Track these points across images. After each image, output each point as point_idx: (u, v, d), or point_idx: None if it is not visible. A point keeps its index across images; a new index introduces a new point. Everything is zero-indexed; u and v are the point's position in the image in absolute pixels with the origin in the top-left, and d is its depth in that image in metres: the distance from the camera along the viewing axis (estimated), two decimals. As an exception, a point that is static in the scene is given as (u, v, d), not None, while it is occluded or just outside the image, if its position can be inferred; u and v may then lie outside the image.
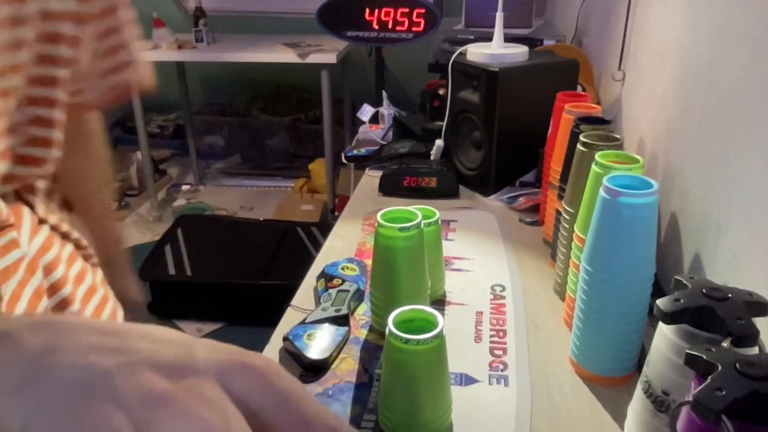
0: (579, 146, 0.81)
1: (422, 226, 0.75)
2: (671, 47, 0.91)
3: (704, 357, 0.42)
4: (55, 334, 0.26)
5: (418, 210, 0.77)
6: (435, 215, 0.83)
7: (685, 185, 0.80)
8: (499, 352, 0.76)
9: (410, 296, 0.76)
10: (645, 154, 0.97)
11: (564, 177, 0.88)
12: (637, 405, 0.58)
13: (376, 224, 0.74)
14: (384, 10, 1.73)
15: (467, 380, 0.71)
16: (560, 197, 0.88)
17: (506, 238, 1.05)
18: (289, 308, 0.85)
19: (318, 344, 0.74)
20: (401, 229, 0.72)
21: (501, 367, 0.73)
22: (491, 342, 0.78)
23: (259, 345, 0.81)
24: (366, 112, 1.58)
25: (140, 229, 3.13)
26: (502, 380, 0.71)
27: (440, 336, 0.59)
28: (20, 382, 0.24)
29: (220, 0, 3.46)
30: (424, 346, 0.58)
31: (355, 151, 1.42)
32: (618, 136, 0.81)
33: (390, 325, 0.59)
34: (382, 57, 2.13)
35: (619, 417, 0.64)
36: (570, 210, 0.81)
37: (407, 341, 0.57)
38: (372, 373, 0.73)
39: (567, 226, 0.83)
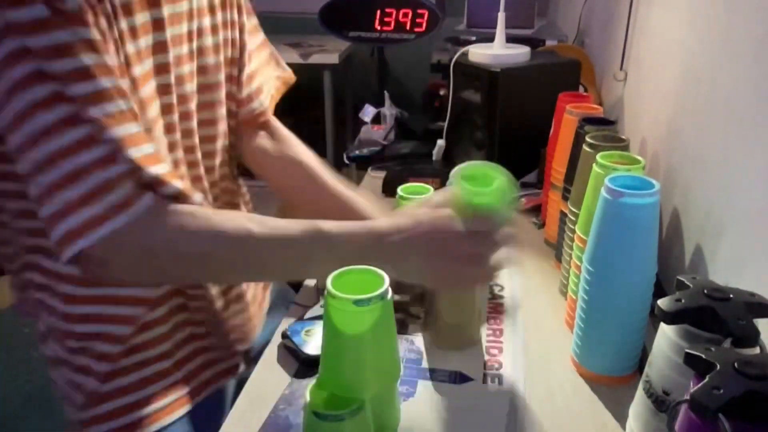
0: (585, 147, 0.81)
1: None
2: (673, 47, 0.91)
3: (703, 356, 0.43)
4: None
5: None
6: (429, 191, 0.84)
7: (686, 185, 0.80)
8: (495, 351, 0.76)
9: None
10: (647, 154, 0.97)
11: (568, 178, 0.88)
12: (638, 405, 0.58)
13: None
14: (386, 10, 1.73)
15: (461, 378, 0.72)
16: (565, 198, 0.88)
17: (508, 238, 1.04)
18: (292, 305, 0.87)
19: (315, 341, 0.75)
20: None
21: (496, 366, 0.73)
22: (487, 341, 0.78)
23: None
24: (368, 112, 1.58)
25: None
26: (497, 379, 0.71)
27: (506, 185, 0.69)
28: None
29: (223, 1, 3.45)
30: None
31: (357, 152, 1.42)
32: (624, 137, 0.81)
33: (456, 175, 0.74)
34: (384, 57, 2.13)
35: (621, 417, 0.64)
36: (576, 211, 0.81)
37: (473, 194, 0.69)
38: None
39: (573, 227, 0.82)
